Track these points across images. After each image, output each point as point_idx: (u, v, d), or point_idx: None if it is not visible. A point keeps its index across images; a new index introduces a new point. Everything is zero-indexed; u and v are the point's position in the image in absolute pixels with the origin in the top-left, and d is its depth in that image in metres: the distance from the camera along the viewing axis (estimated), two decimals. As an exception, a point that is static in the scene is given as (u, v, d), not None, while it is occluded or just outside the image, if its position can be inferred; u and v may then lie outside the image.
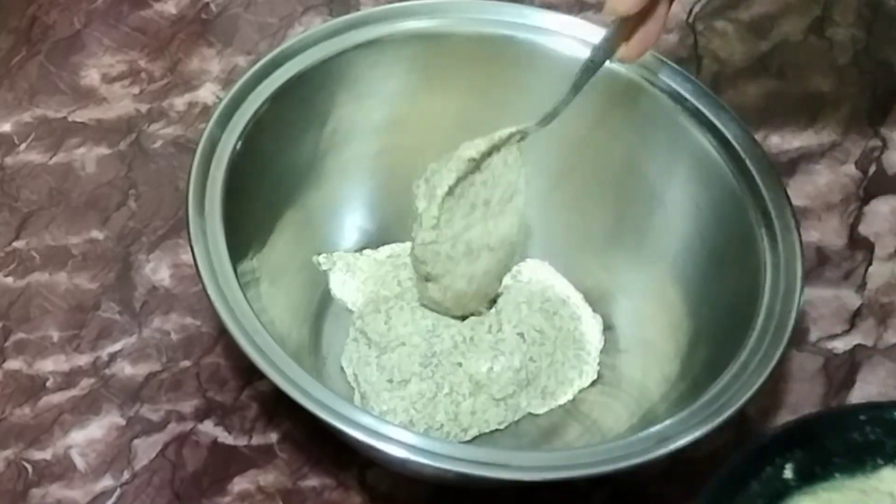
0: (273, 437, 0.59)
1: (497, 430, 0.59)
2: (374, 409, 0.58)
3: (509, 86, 0.64)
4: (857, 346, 0.65)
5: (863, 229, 0.69)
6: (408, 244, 0.61)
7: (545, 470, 0.50)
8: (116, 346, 0.62)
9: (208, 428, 0.59)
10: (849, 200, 0.70)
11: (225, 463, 0.58)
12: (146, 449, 0.59)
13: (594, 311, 0.63)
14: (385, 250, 0.64)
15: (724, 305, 0.58)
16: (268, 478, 0.58)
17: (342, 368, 0.60)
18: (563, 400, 0.61)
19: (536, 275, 0.64)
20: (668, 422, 0.51)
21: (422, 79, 0.64)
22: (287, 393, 0.50)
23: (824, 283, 0.67)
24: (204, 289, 0.52)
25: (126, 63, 0.73)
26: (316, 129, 0.62)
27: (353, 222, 0.65)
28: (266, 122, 0.59)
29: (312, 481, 0.58)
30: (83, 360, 0.61)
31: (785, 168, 0.68)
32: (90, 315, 0.63)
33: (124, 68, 0.73)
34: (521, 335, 0.60)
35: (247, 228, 0.58)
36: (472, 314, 0.61)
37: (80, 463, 0.58)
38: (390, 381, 0.59)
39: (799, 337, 0.64)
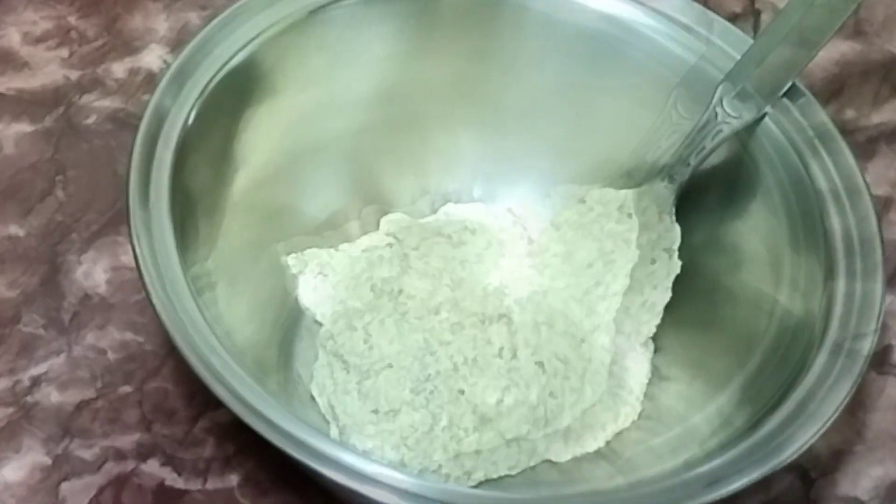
0: (233, 479, 0.58)
1: (508, 475, 0.58)
2: (357, 446, 0.57)
3: (512, 50, 0.64)
4: (954, 366, 0.65)
5: (958, 222, 0.69)
6: (384, 231, 0.63)
7: None
8: (41, 369, 0.61)
9: (153, 468, 0.58)
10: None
11: (174, 511, 0.58)
12: (77, 494, 0.57)
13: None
14: (363, 242, 0.64)
15: (787, 318, 0.57)
16: (226, 529, 0.57)
17: (313, 398, 0.60)
18: (591, 447, 0.59)
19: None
20: (717, 461, 0.50)
21: (412, 41, 0.63)
22: (250, 426, 0.48)
23: (912, 289, 0.67)
24: (148, 297, 0.51)
25: (52, 20, 0.73)
26: (286, 102, 0.61)
27: (330, 213, 0.64)
28: (224, 94, 0.58)
29: (281, 534, 0.57)
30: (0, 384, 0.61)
31: (862, 149, 0.67)
32: (8, 330, 0.62)
33: (50, 26, 0.73)
34: (541, 364, 0.59)
35: (200, 223, 0.57)
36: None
37: (-4, 511, 0.57)
38: (375, 411, 0.58)
39: (880, 357, 0.64)
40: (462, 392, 0.58)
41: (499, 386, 0.58)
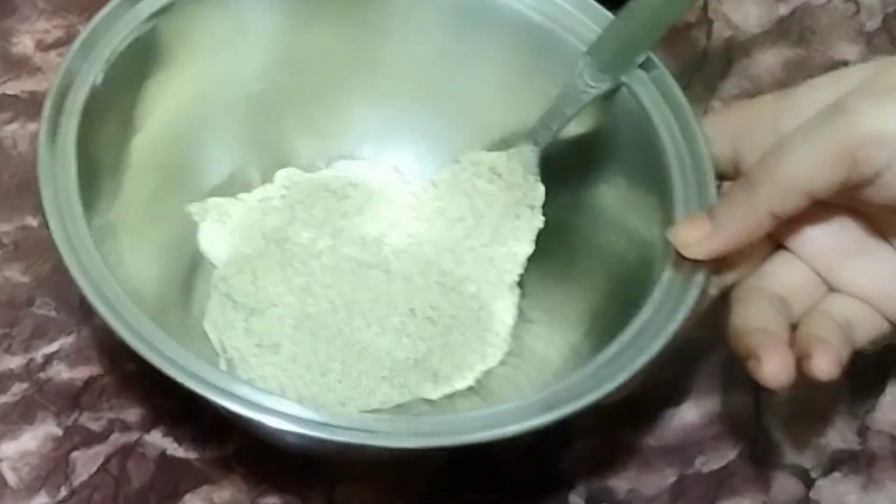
0: (229, 448, 0.60)
1: (381, 409, 0.60)
2: (242, 377, 0.59)
3: (408, 18, 0.65)
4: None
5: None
6: (279, 183, 0.65)
7: (414, 436, 0.49)
8: (52, 347, 0.62)
9: (156, 438, 0.60)
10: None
11: (175, 478, 0.59)
12: (86, 462, 0.59)
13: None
14: (258, 192, 0.65)
15: (629, 263, 0.59)
16: (223, 494, 0.59)
17: (205, 333, 0.61)
18: (460, 385, 0.61)
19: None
20: (558, 387, 0.51)
21: (304, 13, 0.64)
22: (144, 357, 0.49)
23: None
24: (52, 242, 0.52)
25: (63, 28, 0.73)
26: (187, 69, 0.62)
27: (231, 170, 0.65)
28: (130, 60, 0.58)
29: (274, 498, 0.59)
30: (15, 362, 0.61)
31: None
32: (23, 312, 0.63)
33: (61, 34, 0.73)
34: (413, 312, 0.61)
35: (104, 178, 0.57)
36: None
37: (11, 478, 0.58)
38: (259, 345, 0.60)
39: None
40: (339, 331, 0.60)
41: (373, 329, 0.60)
